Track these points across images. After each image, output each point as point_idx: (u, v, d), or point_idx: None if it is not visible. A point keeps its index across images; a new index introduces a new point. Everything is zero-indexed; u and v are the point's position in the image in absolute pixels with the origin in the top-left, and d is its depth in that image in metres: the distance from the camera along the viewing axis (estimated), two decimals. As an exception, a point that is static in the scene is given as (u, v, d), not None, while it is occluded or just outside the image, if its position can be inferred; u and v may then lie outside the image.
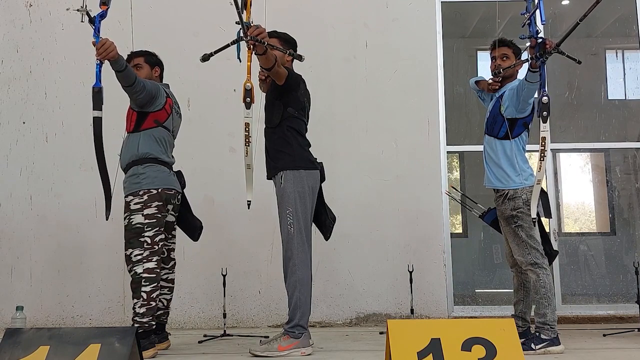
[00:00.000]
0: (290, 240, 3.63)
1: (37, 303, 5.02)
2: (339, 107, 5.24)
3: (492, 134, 3.84)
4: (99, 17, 3.47)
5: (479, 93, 4.18)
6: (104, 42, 3.39)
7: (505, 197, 3.74)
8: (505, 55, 3.90)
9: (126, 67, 3.56)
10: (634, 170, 7.68)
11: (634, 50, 6.99)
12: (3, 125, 5.29)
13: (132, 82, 3.61)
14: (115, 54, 3.44)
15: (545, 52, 3.45)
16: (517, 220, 3.70)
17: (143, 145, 3.76)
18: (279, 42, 3.71)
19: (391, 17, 5.40)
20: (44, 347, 2.42)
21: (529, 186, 3.72)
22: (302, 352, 3.54)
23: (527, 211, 3.67)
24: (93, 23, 3.44)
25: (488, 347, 2.39)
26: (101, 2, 3.49)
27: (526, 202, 3.68)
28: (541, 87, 3.52)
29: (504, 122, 3.77)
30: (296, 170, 3.65)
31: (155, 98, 3.80)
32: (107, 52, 3.39)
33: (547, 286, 3.66)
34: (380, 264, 5.09)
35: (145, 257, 3.66)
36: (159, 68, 4.06)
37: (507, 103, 3.75)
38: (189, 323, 5.03)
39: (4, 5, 5.41)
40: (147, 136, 3.78)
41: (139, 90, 3.66)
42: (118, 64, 3.50)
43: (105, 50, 3.38)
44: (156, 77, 4.02)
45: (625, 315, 5.00)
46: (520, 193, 3.71)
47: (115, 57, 3.44)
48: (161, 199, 3.74)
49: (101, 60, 3.39)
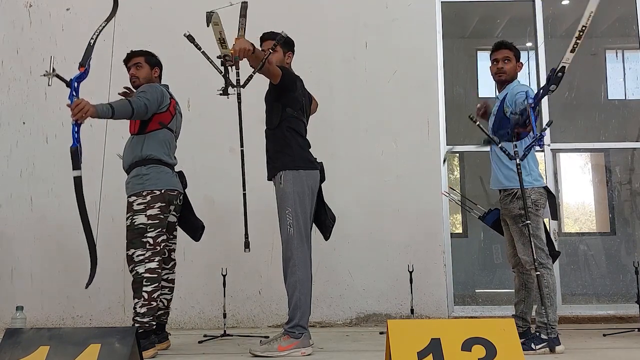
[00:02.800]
0: (290, 240, 3.63)
1: (37, 303, 5.03)
2: (339, 107, 5.24)
3: (502, 138, 3.83)
4: (75, 80, 3.47)
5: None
6: (78, 103, 3.38)
7: (513, 196, 3.74)
8: (507, 58, 3.89)
9: (113, 110, 3.51)
10: (634, 170, 7.69)
11: (634, 50, 7.00)
12: (3, 126, 5.29)
13: (131, 113, 3.61)
14: (93, 111, 3.41)
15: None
16: (524, 219, 3.71)
17: (147, 148, 3.76)
18: (277, 45, 3.73)
19: (391, 17, 5.40)
20: (44, 347, 2.42)
21: (537, 187, 3.75)
22: (302, 352, 3.54)
23: (534, 211, 3.71)
24: (69, 86, 3.43)
25: (488, 347, 2.39)
26: (80, 64, 3.50)
27: (535, 202, 3.72)
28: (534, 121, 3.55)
29: (510, 123, 3.78)
30: (295, 171, 3.65)
31: (161, 103, 3.79)
32: (82, 113, 3.37)
33: (551, 286, 3.67)
34: (380, 264, 5.09)
35: (147, 258, 3.66)
36: (158, 69, 4.05)
37: (511, 109, 3.76)
38: (189, 323, 5.03)
39: (4, 6, 5.41)
40: (151, 139, 3.78)
41: (142, 113, 3.67)
42: (102, 115, 3.49)
43: (80, 111, 3.37)
44: (156, 78, 4.01)
45: (625, 315, 5.00)
46: (529, 193, 3.71)
47: (93, 114, 3.42)
48: (164, 200, 3.74)
49: (78, 121, 3.39)
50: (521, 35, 6.68)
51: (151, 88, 3.79)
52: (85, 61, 3.53)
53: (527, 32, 5.97)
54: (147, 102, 3.69)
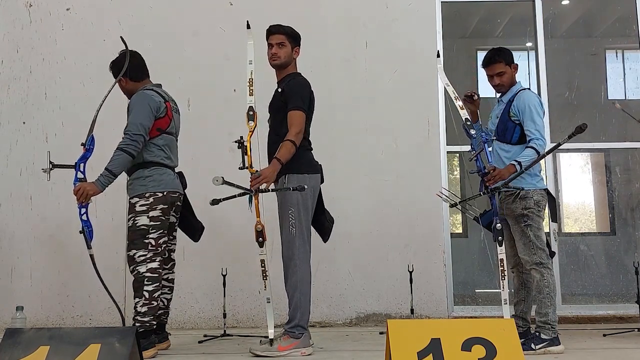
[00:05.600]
0: (291, 240, 3.63)
1: (37, 303, 5.02)
2: (339, 107, 5.24)
3: (505, 140, 3.84)
4: (80, 162, 3.63)
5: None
6: (78, 189, 3.57)
7: (516, 196, 3.74)
8: (500, 72, 3.89)
9: (113, 172, 3.60)
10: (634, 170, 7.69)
11: (634, 50, 6.98)
12: (3, 125, 5.29)
13: (131, 156, 3.64)
14: (94, 190, 3.58)
15: (487, 187, 3.64)
16: (527, 219, 3.72)
17: (147, 155, 3.75)
18: (286, 38, 3.76)
19: (391, 17, 5.40)
20: (44, 347, 2.42)
21: (540, 188, 3.77)
22: (302, 352, 3.54)
23: (537, 212, 3.73)
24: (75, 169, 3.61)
25: (488, 347, 2.39)
26: (82, 144, 3.65)
27: (537, 202, 3.73)
28: (494, 214, 3.65)
29: (516, 127, 3.79)
30: (300, 175, 3.64)
31: (157, 110, 3.75)
32: (85, 196, 3.56)
33: (551, 286, 3.68)
34: (380, 264, 5.09)
35: (148, 258, 3.67)
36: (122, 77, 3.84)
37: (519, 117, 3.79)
38: (189, 323, 5.03)
39: (4, 5, 5.41)
40: (151, 145, 3.76)
41: (141, 141, 3.66)
42: (106, 185, 3.61)
43: (81, 196, 3.56)
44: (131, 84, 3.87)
45: (625, 315, 5.00)
46: (532, 194, 3.73)
47: (96, 191, 3.59)
48: (166, 201, 3.74)
49: (83, 203, 3.58)
50: (521, 35, 6.68)
51: (140, 105, 3.71)
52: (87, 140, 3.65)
53: (527, 32, 5.97)
54: (141, 125, 3.66)
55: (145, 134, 3.68)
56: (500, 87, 3.91)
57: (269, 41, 3.80)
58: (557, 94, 7.52)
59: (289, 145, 3.55)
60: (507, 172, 3.63)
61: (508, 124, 3.82)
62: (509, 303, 3.60)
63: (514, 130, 3.81)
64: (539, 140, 3.69)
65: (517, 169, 3.62)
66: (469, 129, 3.74)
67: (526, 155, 3.66)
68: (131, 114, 3.71)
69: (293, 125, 3.60)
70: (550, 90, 5.51)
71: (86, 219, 3.61)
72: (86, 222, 3.62)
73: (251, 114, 3.63)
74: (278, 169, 3.51)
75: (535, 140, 3.69)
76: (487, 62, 3.93)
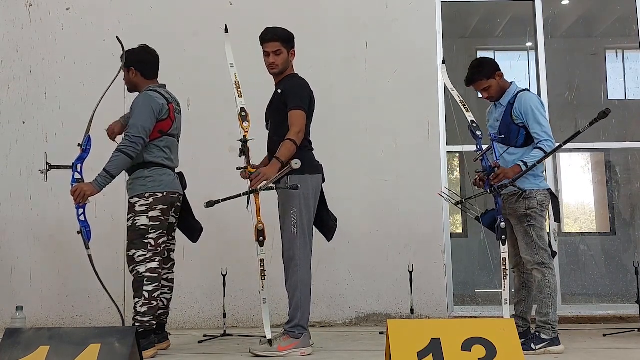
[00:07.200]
0: (293, 240, 3.63)
1: (37, 303, 5.02)
2: (339, 107, 5.24)
3: (510, 143, 3.82)
4: (77, 163, 3.63)
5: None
6: (75, 189, 3.57)
7: (520, 197, 3.74)
8: (486, 87, 3.88)
9: (111, 174, 3.61)
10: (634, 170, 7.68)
11: (634, 50, 6.99)
12: (3, 125, 5.29)
13: (130, 158, 3.64)
14: (92, 190, 3.58)
15: (492, 186, 3.67)
16: (529, 219, 3.72)
17: (148, 155, 3.75)
18: (281, 44, 3.72)
19: (391, 17, 5.40)
20: (44, 347, 2.42)
21: (543, 189, 3.77)
22: (302, 352, 3.54)
23: (540, 212, 3.74)
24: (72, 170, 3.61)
25: (488, 347, 2.39)
26: (78, 144, 3.65)
27: (540, 203, 3.74)
28: (498, 213, 3.68)
29: (520, 130, 3.79)
30: (302, 175, 3.63)
31: (160, 112, 3.74)
32: (82, 196, 3.57)
33: (552, 286, 3.68)
34: (380, 264, 5.09)
35: (148, 258, 3.67)
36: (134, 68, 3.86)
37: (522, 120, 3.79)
38: (189, 323, 5.03)
39: (4, 5, 5.41)
40: (151, 146, 3.76)
41: (142, 143, 3.66)
42: (103, 186, 3.62)
43: (78, 196, 3.57)
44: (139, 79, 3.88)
45: (625, 315, 5.01)
46: (535, 194, 3.74)
47: (93, 192, 3.60)
48: (166, 202, 3.74)
49: (80, 204, 3.59)
50: (521, 35, 6.68)
51: (143, 107, 3.71)
52: (84, 141, 3.64)
53: (527, 32, 5.97)
54: (142, 128, 3.65)
55: (146, 136, 3.68)
56: (491, 98, 3.94)
57: (264, 49, 3.76)
58: (557, 94, 7.52)
59: (289, 145, 3.55)
60: (512, 171, 3.64)
61: (512, 127, 3.81)
62: (509, 303, 3.60)
63: (519, 133, 3.80)
64: (548, 141, 3.69)
65: (523, 169, 3.62)
66: (475, 130, 3.74)
67: (534, 157, 3.66)
68: (133, 116, 3.71)
69: (294, 124, 3.60)
70: (550, 90, 5.51)
71: (84, 220, 3.61)
72: (84, 222, 3.61)
73: (244, 115, 3.63)
74: (279, 168, 3.51)
75: (544, 142, 3.69)
76: (468, 83, 3.95)
